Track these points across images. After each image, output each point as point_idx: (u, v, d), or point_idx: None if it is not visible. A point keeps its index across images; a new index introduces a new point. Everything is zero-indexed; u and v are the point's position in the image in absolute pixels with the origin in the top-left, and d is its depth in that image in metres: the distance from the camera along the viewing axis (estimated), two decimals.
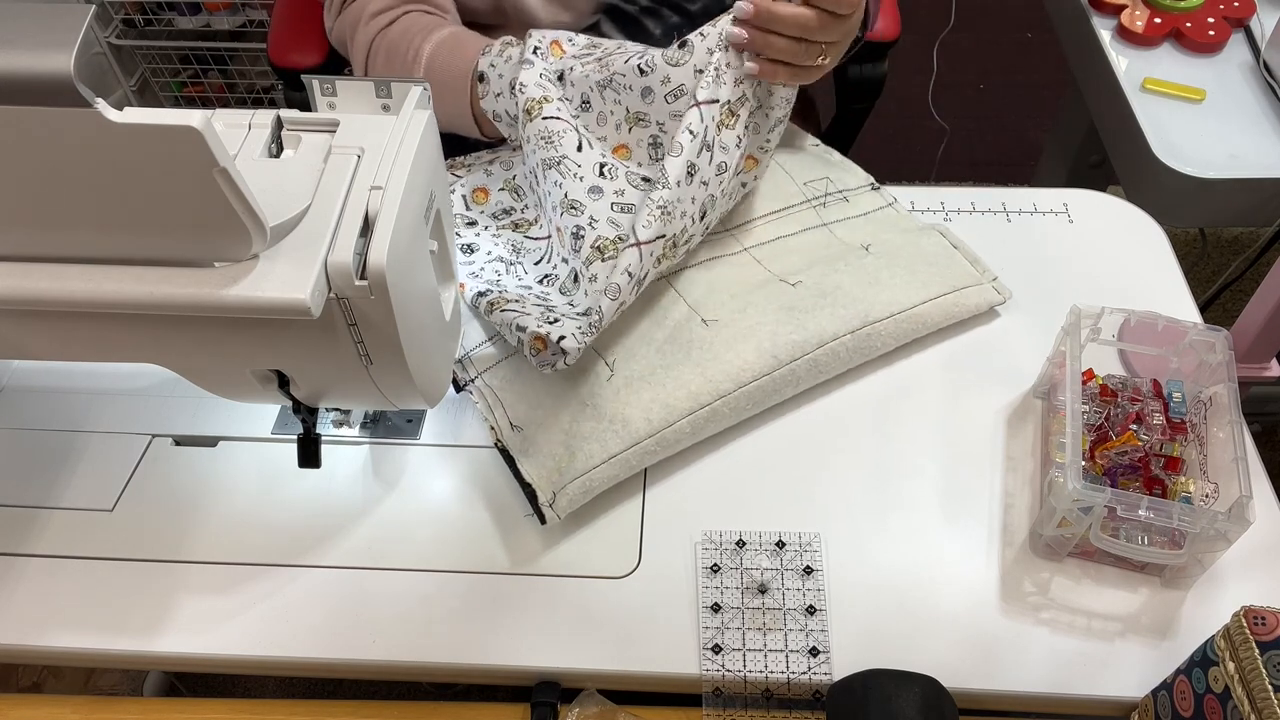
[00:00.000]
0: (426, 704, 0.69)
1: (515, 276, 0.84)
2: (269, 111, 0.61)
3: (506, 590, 0.70)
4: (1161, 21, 1.18)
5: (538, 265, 0.85)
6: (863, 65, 1.19)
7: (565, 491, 0.71)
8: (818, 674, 0.66)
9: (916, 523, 0.74)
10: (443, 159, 0.69)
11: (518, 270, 0.85)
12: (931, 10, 1.63)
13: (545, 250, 0.85)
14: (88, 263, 0.55)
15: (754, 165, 0.87)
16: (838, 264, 0.85)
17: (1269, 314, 1.04)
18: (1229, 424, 0.70)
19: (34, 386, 0.84)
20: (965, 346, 0.85)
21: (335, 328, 0.60)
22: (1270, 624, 0.53)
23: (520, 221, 0.89)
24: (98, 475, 0.77)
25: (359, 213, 0.58)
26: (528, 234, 0.88)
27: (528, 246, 0.87)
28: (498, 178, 0.91)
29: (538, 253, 0.86)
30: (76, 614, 0.70)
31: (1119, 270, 0.91)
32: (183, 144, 0.47)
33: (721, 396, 0.75)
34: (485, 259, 0.86)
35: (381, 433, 0.80)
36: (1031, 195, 0.98)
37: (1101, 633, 0.68)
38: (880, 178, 0.97)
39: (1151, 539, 0.67)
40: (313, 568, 0.72)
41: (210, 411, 0.81)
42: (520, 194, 0.90)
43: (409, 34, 0.91)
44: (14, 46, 0.43)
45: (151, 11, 1.83)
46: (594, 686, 0.67)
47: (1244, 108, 1.10)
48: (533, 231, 0.88)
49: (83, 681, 1.34)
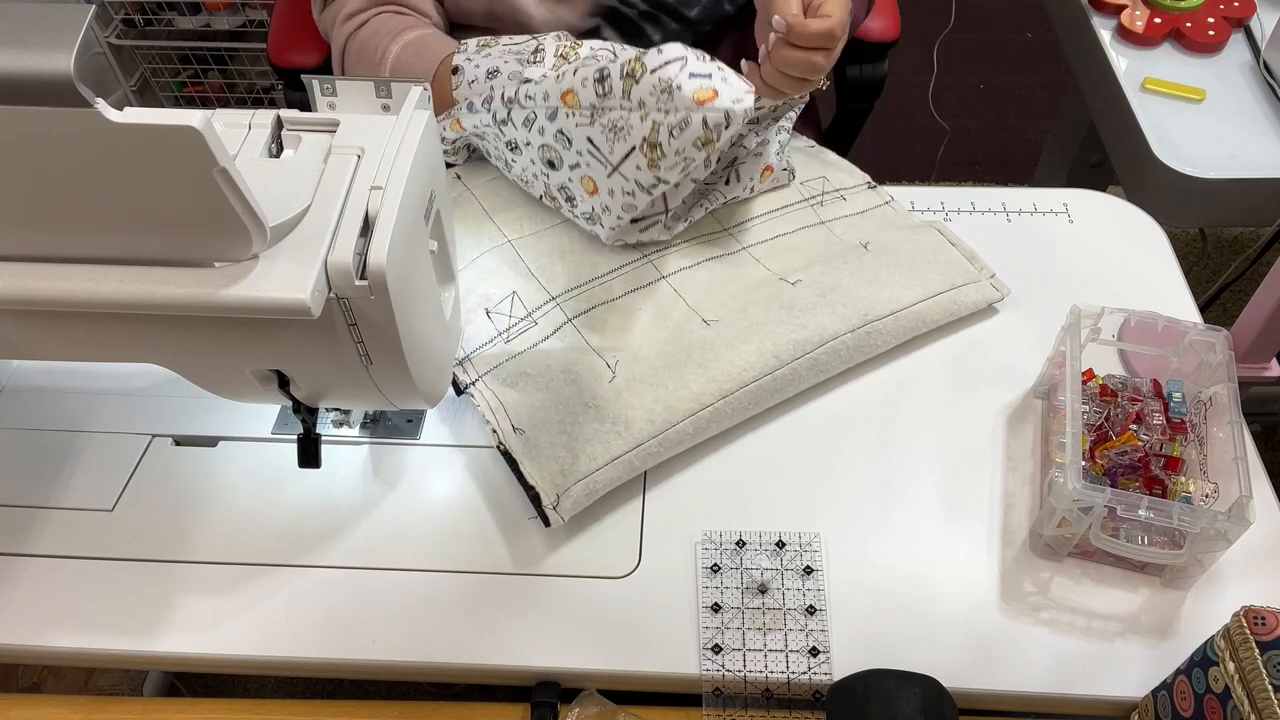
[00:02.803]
0: (426, 704, 0.69)
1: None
2: (269, 111, 0.61)
3: (506, 590, 0.70)
4: (1161, 21, 1.18)
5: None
6: (863, 65, 1.19)
7: (569, 494, 0.71)
8: (818, 674, 0.66)
9: (917, 523, 0.74)
10: (443, 159, 0.69)
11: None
12: (931, 10, 1.63)
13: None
14: (88, 263, 0.55)
15: (769, 174, 0.90)
16: (837, 262, 0.85)
17: (1269, 314, 1.04)
18: (1229, 424, 0.70)
19: (34, 386, 0.84)
20: (965, 347, 0.85)
21: (335, 328, 0.60)
22: (1270, 624, 0.53)
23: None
24: (98, 475, 0.77)
25: (359, 213, 0.58)
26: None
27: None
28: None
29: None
30: (76, 614, 0.70)
31: (1119, 270, 0.91)
32: (183, 144, 0.47)
33: (724, 396, 0.75)
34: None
35: (381, 433, 0.80)
36: (1031, 195, 0.98)
37: (1101, 633, 0.68)
38: (880, 178, 0.97)
39: (1151, 539, 0.67)
40: (313, 568, 0.72)
41: (210, 411, 0.81)
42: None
43: (378, 35, 0.93)
44: (14, 46, 0.43)
45: (151, 11, 1.83)
46: (594, 686, 0.67)
47: (1244, 108, 1.10)
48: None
49: (83, 681, 1.34)
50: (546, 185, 0.86)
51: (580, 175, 0.82)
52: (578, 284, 0.83)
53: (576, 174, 0.82)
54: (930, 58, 1.82)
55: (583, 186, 0.82)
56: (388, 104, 0.66)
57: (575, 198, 0.84)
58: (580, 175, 0.82)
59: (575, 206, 0.85)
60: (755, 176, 0.89)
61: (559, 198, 0.86)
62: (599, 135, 0.78)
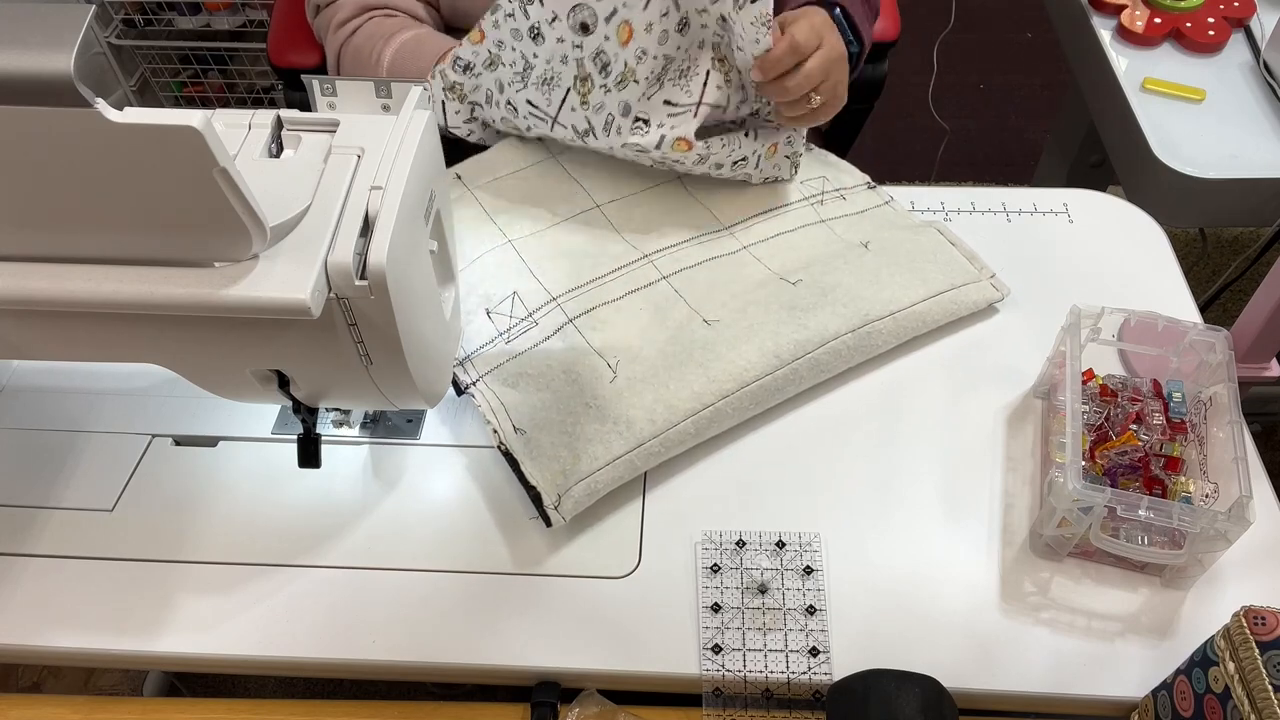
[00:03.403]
0: (426, 704, 0.69)
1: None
2: (269, 111, 0.61)
3: (506, 590, 0.70)
4: (1161, 21, 1.18)
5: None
6: (863, 65, 1.19)
7: (570, 494, 0.71)
8: (818, 674, 0.66)
9: (917, 523, 0.74)
10: (443, 159, 0.69)
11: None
12: (931, 10, 1.63)
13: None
14: (88, 263, 0.55)
15: (774, 151, 0.90)
16: (837, 261, 0.85)
17: (1269, 314, 1.04)
18: (1229, 424, 0.70)
19: (34, 386, 0.84)
20: (965, 347, 0.85)
21: (335, 328, 0.60)
22: (1270, 624, 0.53)
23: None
24: (98, 475, 0.77)
25: (359, 213, 0.58)
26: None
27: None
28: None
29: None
30: (76, 614, 0.70)
31: (1119, 270, 0.91)
32: (183, 144, 0.47)
33: (725, 396, 0.75)
34: None
35: (381, 433, 0.80)
36: (1031, 195, 0.98)
37: (1101, 633, 0.68)
38: (880, 178, 0.97)
39: (1151, 539, 0.67)
40: (313, 568, 0.72)
41: (210, 411, 0.81)
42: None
43: (372, 40, 0.94)
44: (14, 46, 0.43)
45: (151, 11, 1.83)
46: (594, 686, 0.67)
47: (1244, 108, 1.10)
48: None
49: (83, 681, 1.34)
50: (580, 64, 0.84)
51: (617, 24, 0.80)
52: (578, 284, 0.83)
53: (613, 24, 0.81)
54: (930, 58, 1.82)
55: (618, 37, 0.81)
56: (388, 104, 0.66)
57: (610, 64, 0.82)
58: (617, 24, 0.80)
59: (609, 75, 0.83)
60: (765, 145, 0.88)
61: (593, 70, 0.84)
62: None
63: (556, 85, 0.86)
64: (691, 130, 0.83)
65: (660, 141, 0.83)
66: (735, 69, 0.84)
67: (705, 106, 0.84)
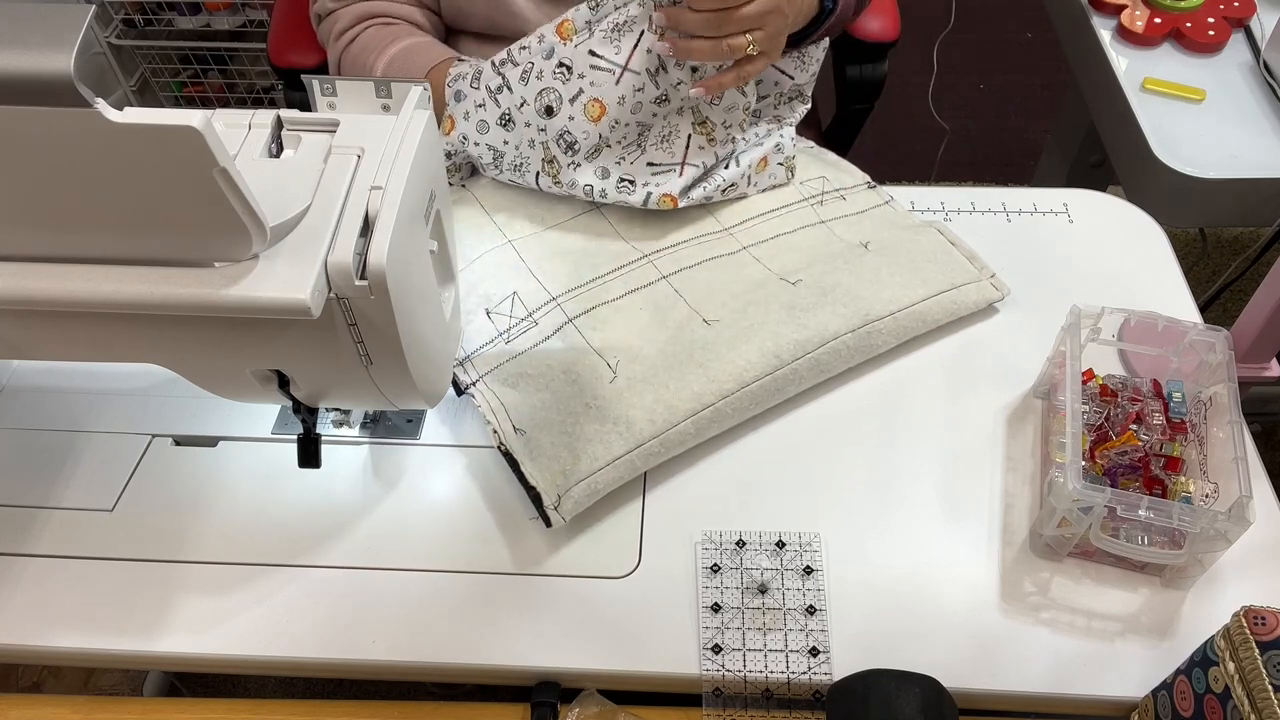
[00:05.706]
0: (427, 704, 0.69)
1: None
2: (269, 111, 0.61)
3: (506, 590, 0.70)
4: (1161, 21, 1.18)
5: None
6: (863, 65, 1.19)
7: (570, 494, 0.71)
8: (818, 674, 0.66)
9: (917, 522, 0.74)
10: (443, 160, 0.69)
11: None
12: (931, 10, 1.63)
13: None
14: (88, 263, 0.55)
15: (764, 166, 0.90)
16: (837, 262, 0.85)
17: (1269, 314, 1.03)
18: (1229, 424, 0.70)
19: (34, 386, 0.84)
20: (965, 347, 0.85)
21: (335, 328, 0.60)
22: (1270, 624, 0.53)
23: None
24: (98, 475, 0.77)
25: (359, 213, 0.58)
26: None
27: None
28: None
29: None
30: (76, 614, 0.70)
31: (1119, 270, 0.91)
32: (183, 144, 0.47)
33: (725, 396, 0.75)
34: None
35: (381, 433, 0.80)
36: (1031, 195, 0.98)
37: (1101, 633, 0.68)
38: (880, 178, 0.97)
39: (1151, 539, 0.67)
40: (313, 568, 0.72)
41: (210, 411, 0.81)
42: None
43: (366, 52, 0.96)
44: (14, 46, 0.43)
45: (151, 11, 1.83)
46: (594, 686, 0.67)
47: (1244, 108, 1.10)
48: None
49: (83, 681, 1.34)
50: (545, 146, 0.85)
51: (584, 103, 0.82)
52: (578, 284, 0.83)
53: (579, 104, 0.83)
54: (930, 58, 1.82)
55: (587, 116, 0.83)
56: (388, 104, 0.66)
57: (576, 142, 0.84)
58: (584, 103, 0.82)
59: (576, 153, 0.85)
60: (752, 165, 0.89)
61: (558, 153, 0.85)
62: (601, 43, 0.81)
63: (526, 170, 0.89)
64: (677, 188, 0.86)
65: (646, 199, 0.86)
66: (718, 126, 0.86)
67: (690, 167, 0.86)
